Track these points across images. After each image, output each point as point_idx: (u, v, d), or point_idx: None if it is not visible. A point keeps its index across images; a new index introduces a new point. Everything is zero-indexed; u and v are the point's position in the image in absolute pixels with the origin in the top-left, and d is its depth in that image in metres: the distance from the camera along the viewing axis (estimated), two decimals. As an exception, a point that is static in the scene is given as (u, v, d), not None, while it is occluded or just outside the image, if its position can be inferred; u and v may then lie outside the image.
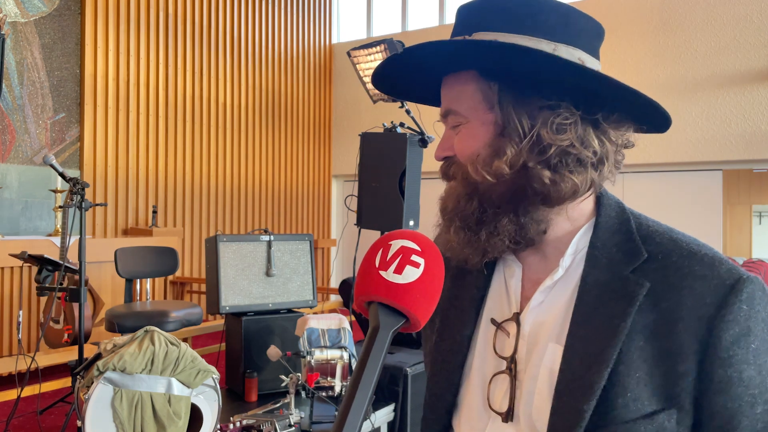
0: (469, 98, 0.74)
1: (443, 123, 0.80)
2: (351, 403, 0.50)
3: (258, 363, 3.31)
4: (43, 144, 5.42)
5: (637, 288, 0.68)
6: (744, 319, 0.65)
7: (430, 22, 8.27)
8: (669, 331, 0.66)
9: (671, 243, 0.71)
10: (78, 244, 3.17)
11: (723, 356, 0.65)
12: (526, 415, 0.72)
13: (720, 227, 6.53)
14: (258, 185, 7.58)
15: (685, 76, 6.43)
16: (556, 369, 0.71)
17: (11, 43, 5.17)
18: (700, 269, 0.68)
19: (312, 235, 3.66)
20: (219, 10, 7.12)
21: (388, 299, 0.57)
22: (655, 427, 0.65)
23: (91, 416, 2.17)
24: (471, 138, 0.74)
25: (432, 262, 0.59)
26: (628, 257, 0.71)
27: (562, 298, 0.74)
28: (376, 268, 0.59)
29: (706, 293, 0.66)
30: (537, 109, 0.70)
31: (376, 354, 0.54)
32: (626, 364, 0.66)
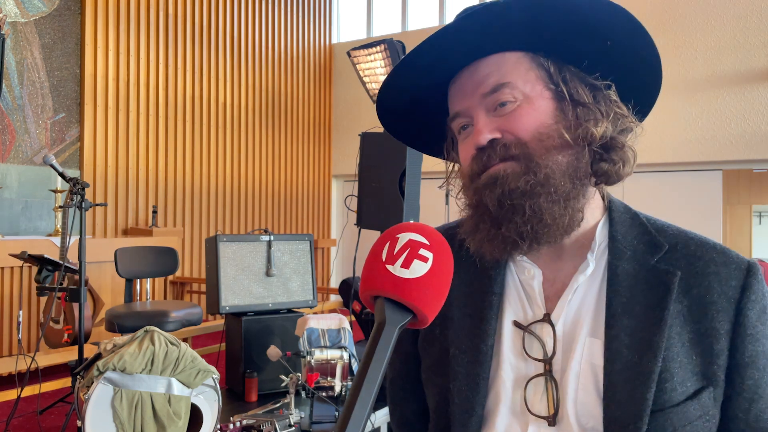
0: (523, 74, 0.73)
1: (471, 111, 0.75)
2: (356, 399, 0.49)
3: (258, 363, 3.31)
4: (43, 144, 5.42)
5: (670, 277, 0.72)
6: (761, 298, 0.72)
7: (430, 22, 8.27)
8: (702, 314, 0.71)
9: (682, 234, 0.76)
10: (78, 244, 3.17)
11: (751, 333, 0.71)
12: (572, 415, 0.72)
13: (720, 227, 6.54)
14: (258, 185, 7.58)
15: (685, 76, 6.43)
16: (597, 363, 0.72)
17: (11, 43, 5.17)
18: (718, 257, 0.73)
19: (312, 235, 3.66)
20: (219, 10, 7.12)
21: (395, 294, 0.55)
22: (701, 405, 0.69)
23: (91, 416, 2.17)
24: (535, 112, 0.72)
25: (440, 256, 0.58)
26: (650, 248, 0.74)
27: (591, 293, 0.75)
28: (382, 262, 0.57)
29: (730, 278, 0.72)
30: (593, 85, 0.74)
31: (382, 349, 0.52)
32: (669, 349, 0.70)
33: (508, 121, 0.73)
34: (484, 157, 0.73)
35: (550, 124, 0.72)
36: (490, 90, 0.73)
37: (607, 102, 0.74)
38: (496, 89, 0.73)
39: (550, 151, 0.71)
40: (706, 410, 0.70)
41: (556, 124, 0.72)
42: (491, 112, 0.74)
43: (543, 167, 0.71)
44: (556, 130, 0.72)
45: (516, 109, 0.72)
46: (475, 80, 0.74)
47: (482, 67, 0.74)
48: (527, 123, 0.72)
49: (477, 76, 0.74)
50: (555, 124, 0.72)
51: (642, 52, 0.74)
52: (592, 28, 0.71)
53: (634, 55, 0.75)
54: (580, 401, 0.72)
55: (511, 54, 0.74)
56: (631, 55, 0.75)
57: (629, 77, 0.76)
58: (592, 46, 0.73)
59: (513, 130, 0.72)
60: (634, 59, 0.75)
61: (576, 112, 0.73)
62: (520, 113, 0.72)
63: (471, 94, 0.74)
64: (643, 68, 0.76)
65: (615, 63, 0.75)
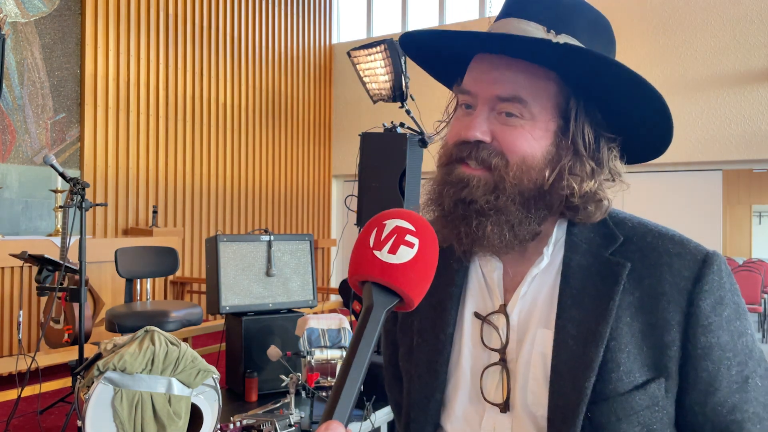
0: (544, 98, 0.72)
1: (479, 100, 0.74)
2: (344, 381, 0.50)
3: (258, 363, 3.31)
4: (44, 144, 5.42)
5: (620, 269, 0.72)
6: (716, 289, 0.71)
7: (430, 23, 8.27)
8: (653, 305, 0.71)
9: (641, 226, 0.76)
10: (78, 244, 3.17)
11: (704, 323, 0.70)
12: (523, 402, 0.74)
13: (720, 227, 6.54)
14: (258, 185, 7.58)
15: (685, 76, 6.43)
16: (548, 353, 0.73)
17: (11, 43, 5.17)
18: (673, 247, 0.73)
19: (312, 235, 3.66)
20: (219, 10, 7.12)
21: (382, 279, 0.56)
22: (648, 395, 0.69)
23: (91, 416, 2.17)
24: (532, 138, 0.72)
25: (426, 242, 0.59)
26: (605, 241, 0.75)
27: (546, 286, 0.76)
28: (370, 248, 0.58)
29: (683, 268, 0.71)
30: (601, 135, 0.74)
31: (371, 332, 0.54)
32: (617, 340, 0.70)
33: (505, 133, 0.72)
34: (465, 152, 0.73)
35: (539, 159, 0.73)
36: (506, 97, 0.72)
37: (607, 157, 0.75)
38: (510, 99, 0.72)
39: (523, 182, 0.72)
40: (655, 401, 0.70)
41: (545, 162, 0.73)
42: (493, 111, 0.73)
43: (507, 194, 0.72)
44: (540, 168, 0.73)
45: (517, 127, 0.72)
46: (497, 76, 0.72)
47: (511, 67, 0.72)
48: (519, 146, 0.72)
49: (501, 74, 0.72)
50: (543, 162, 0.73)
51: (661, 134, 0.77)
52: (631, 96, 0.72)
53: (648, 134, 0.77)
54: (530, 390, 0.74)
55: (541, 69, 0.72)
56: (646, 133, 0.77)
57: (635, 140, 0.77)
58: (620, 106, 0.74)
59: (503, 144, 0.72)
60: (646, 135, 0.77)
61: (568, 160, 0.73)
62: (518, 133, 0.72)
63: (486, 85, 0.73)
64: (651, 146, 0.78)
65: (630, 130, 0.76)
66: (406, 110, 3.53)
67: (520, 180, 0.72)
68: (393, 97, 3.57)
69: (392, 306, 0.57)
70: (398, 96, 3.56)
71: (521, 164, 0.72)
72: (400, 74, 3.51)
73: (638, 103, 0.72)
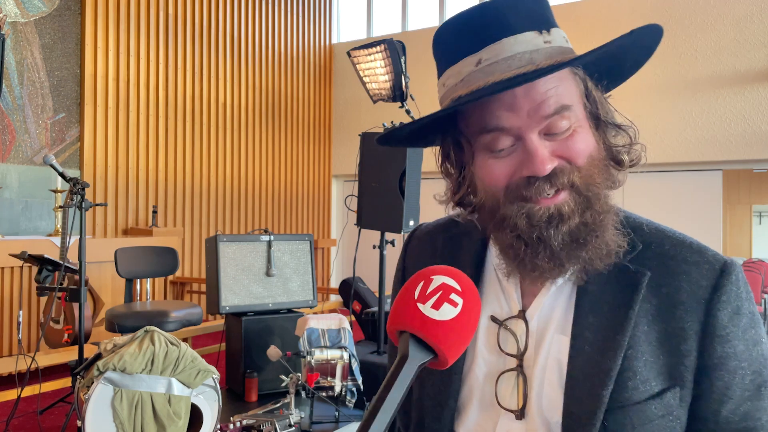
0: (574, 94, 0.70)
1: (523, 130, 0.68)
2: (369, 426, 0.51)
3: (258, 363, 3.31)
4: (43, 144, 5.42)
5: (639, 276, 0.71)
6: (734, 299, 0.70)
7: (430, 23, 8.27)
8: (671, 314, 0.70)
9: (659, 233, 0.75)
10: (78, 244, 3.17)
11: (720, 334, 0.69)
12: (538, 408, 0.73)
13: (720, 227, 6.53)
14: (258, 185, 7.58)
15: (685, 76, 6.43)
16: (563, 359, 0.72)
17: (11, 43, 5.17)
18: (691, 256, 0.72)
19: (312, 235, 3.66)
20: (219, 10, 7.12)
21: (422, 333, 0.57)
22: (664, 404, 0.69)
23: (91, 416, 2.17)
24: (586, 135, 0.70)
25: (470, 303, 0.59)
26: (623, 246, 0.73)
27: (564, 291, 0.75)
28: (414, 299, 0.58)
29: (701, 278, 0.71)
30: (608, 105, 0.74)
31: (401, 383, 0.54)
32: (634, 348, 0.69)
33: (565, 146, 0.69)
34: (545, 186, 0.68)
35: (597, 148, 0.71)
36: (553, 112, 0.68)
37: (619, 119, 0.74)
38: (559, 112, 0.68)
39: (599, 176, 0.70)
40: (670, 410, 0.69)
41: (601, 148, 0.72)
42: (544, 134, 0.69)
43: (600, 196, 0.70)
44: (602, 155, 0.72)
45: (572, 133, 0.69)
46: (534, 99, 0.67)
47: (540, 84, 0.67)
48: (584, 149, 0.69)
49: (535, 95, 0.67)
50: (600, 148, 0.72)
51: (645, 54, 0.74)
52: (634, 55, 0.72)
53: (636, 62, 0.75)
54: (546, 396, 0.73)
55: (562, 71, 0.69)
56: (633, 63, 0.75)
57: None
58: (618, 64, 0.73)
59: (570, 157, 0.69)
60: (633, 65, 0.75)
61: (609, 134, 0.73)
62: (576, 139, 0.69)
63: (527, 115, 0.68)
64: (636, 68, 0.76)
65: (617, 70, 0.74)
66: (406, 110, 3.53)
67: (598, 176, 0.70)
68: (393, 97, 3.57)
69: (426, 361, 0.57)
70: (398, 96, 3.56)
71: (590, 164, 0.70)
72: (400, 74, 3.51)
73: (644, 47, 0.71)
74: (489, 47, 0.69)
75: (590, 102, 0.71)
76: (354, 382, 2.77)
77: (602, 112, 0.72)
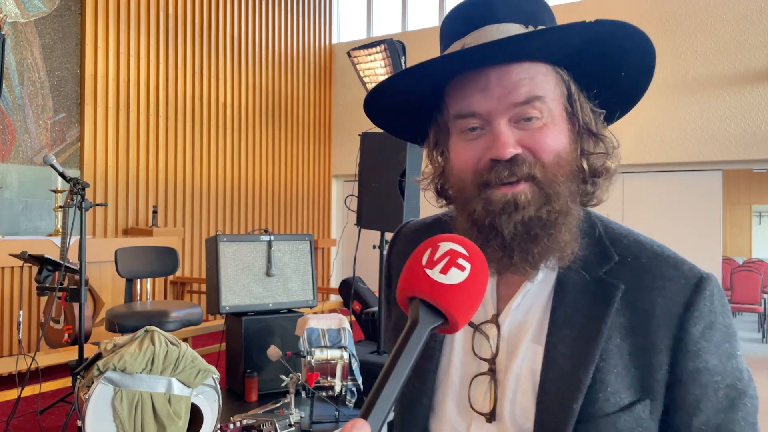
0: (551, 90, 0.71)
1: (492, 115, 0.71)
2: (382, 389, 0.51)
3: (258, 363, 3.31)
4: (43, 144, 5.42)
5: (613, 290, 0.72)
6: (708, 314, 0.70)
7: (430, 22, 8.27)
8: (644, 328, 0.70)
9: (637, 245, 0.75)
10: (78, 244, 3.17)
11: (693, 349, 0.69)
12: (510, 415, 0.74)
13: (720, 227, 6.53)
14: (258, 185, 7.58)
15: (685, 76, 6.43)
16: (537, 368, 0.73)
17: (11, 43, 5.17)
18: (667, 270, 0.72)
19: (312, 235, 3.66)
20: (219, 10, 7.12)
21: (431, 297, 0.57)
22: (633, 417, 0.69)
23: (91, 416, 2.17)
24: (558, 133, 0.71)
25: (478, 268, 0.60)
26: (600, 259, 0.74)
27: (540, 300, 0.76)
28: (422, 265, 0.59)
29: (675, 293, 0.71)
30: (594, 109, 0.75)
31: (412, 347, 0.54)
32: (606, 360, 0.70)
33: (532, 138, 0.70)
34: (504, 172, 0.70)
35: (569, 150, 0.72)
36: (523, 101, 0.70)
37: (604, 131, 0.76)
38: (528, 101, 0.70)
39: (565, 177, 0.71)
40: (640, 422, 0.69)
41: (572, 151, 0.73)
42: (513, 122, 0.71)
43: (561, 196, 0.71)
44: (571, 157, 0.73)
45: (542, 127, 0.71)
46: (505, 85, 0.70)
47: (514, 72, 0.70)
48: (551, 145, 0.71)
49: (507, 82, 0.70)
50: (571, 151, 0.73)
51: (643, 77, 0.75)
52: (617, 55, 0.72)
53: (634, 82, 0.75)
54: (518, 403, 0.74)
55: (541, 64, 0.71)
56: (631, 83, 0.75)
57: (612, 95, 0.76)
58: (606, 72, 0.74)
59: (535, 149, 0.70)
60: (631, 86, 0.76)
61: (586, 141, 0.74)
62: (546, 133, 0.71)
63: (497, 99, 0.70)
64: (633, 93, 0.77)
65: (612, 88, 0.75)
66: (406, 110, 3.52)
67: (563, 177, 0.71)
68: (393, 97, 3.57)
69: (437, 326, 0.57)
70: (398, 96, 3.55)
71: (557, 162, 0.71)
72: (400, 74, 3.50)
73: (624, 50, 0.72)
74: (473, 33, 0.73)
75: (571, 105, 0.73)
76: (354, 382, 2.77)
77: (582, 118, 0.73)
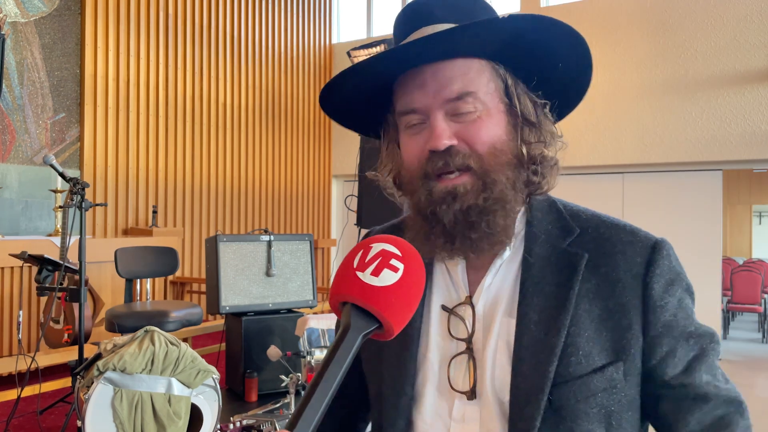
0: (484, 85, 0.76)
1: (429, 111, 0.76)
2: (308, 401, 0.49)
3: (258, 363, 3.31)
4: (43, 144, 5.42)
5: (577, 259, 0.76)
6: (667, 272, 0.75)
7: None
8: (610, 292, 0.75)
9: (595, 218, 0.81)
10: (78, 244, 3.17)
11: (660, 304, 0.74)
12: (490, 390, 0.76)
13: (720, 227, 6.53)
14: (258, 185, 7.58)
15: (685, 76, 6.43)
16: (511, 340, 0.76)
17: (11, 43, 5.17)
18: (625, 236, 0.77)
19: (312, 235, 3.66)
20: (219, 10, 7.12)
21: (362, 301, 0.55)
22: (606, 378, 0.73)
23: (91, 416, 2.17)
24: (493, 125, 0.76)
25: (412, 268, 0.58)
26: (563, 233, 0.79)
27: (509, 276, 0.80)
28: (353, 268, 0.57)
29: (635, 254, 0.76)
30: (535, 100, 0.79)
31: (344, 354, 0.52)
32: (576, 325, 0.73)
33: (467, 130, 0.75)
34: (440, 162, 0.75)
35: (505, 140, 0.76)
36: (455, 97, 0.74)
37: (545, 121, 0.80)
38: (461, 97, 0.74)
39: (503, 166, 0.76)
40: (613, 383, 0.73)
41: (510, 141, 0.77)
42: (449, 116, 0.75)
43: (498, 183, 0.75)
44: (508, 147, 0.77)
45: (476, 120, 0.75)
46: (439, 82, 0.75)
47: (447, 69, 0.75)
48: (485, 136, 0.75)
49: (441, 78, 0.75)
50: (508, 141, 0.77)
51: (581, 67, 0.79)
52: (545, 47, 0.76)
53: (574, 73, 0.80)
54: (497, 377, 0.76)
55: (474, 61, 0.76)
56: (571, 74, 0.80)
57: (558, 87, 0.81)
58: (541, 64, 0.78)
59: (470, 141, 0.75)
60: (572, 77, 0.80)
61: (525, 131, 0.78)
62: (480, 125, 0.75)
63: (432, 95, 0.75)
64: (576, 85, 0.81)
65: (554, 80, 0.79)
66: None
67: (500, 166, 0.75)
68: (393, 97, 3.57)
69: (370, 331, 0.55)
70: (398, 96, 3.56)
71: (492, 152, 0.75)
72: (400, 74, 3.51)
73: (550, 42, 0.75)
74: (413, 33, 0.79)
75: (509, 97, 0.77)
76: (354, 382, 2.77)
77: (521, 109, 0.78)
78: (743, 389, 0.78)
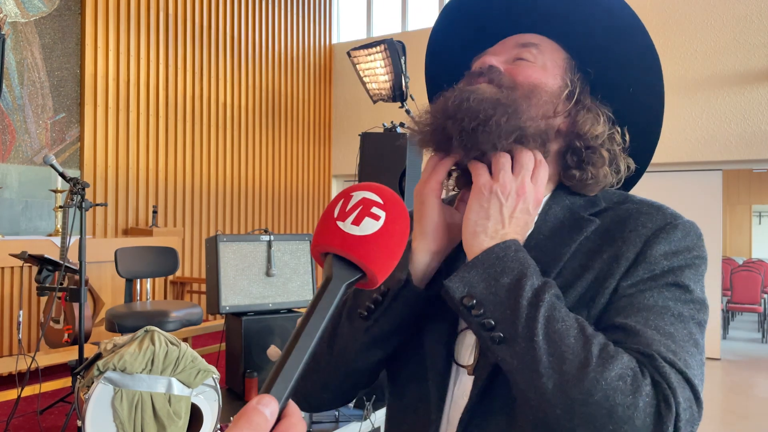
0: (553, 54, 0.81)
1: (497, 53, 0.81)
2: (289, 355, 0.47)
3: (258, 363, 3.31)
4: (43, 144, 5.42)
5: (588, 224, 0.75)
6: (676, 241, 0.71)
7: (430, 23, 8.27)
8: (608, 247, 0.72)
9: (624, 196, 0.80)
10: (78, 244, 3.17)
11: (649, 260, 0.69)
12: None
13: (720, 227, 6.53)
14: (258, 185, 7.58)
15: (685, 76, 6.43)
16: None
17: (11, 43, 5.17)
18: (648, 209, 0.75)
19: (312, 235, 3.66)
20: (219, 10, 7.12)
21: (343, 250, 0.54)
22: None
23: (91, 416, 2.17)
24: (543, 75, 0.78)
25: (394, 216, 0.56)
26: (588, 205, 0.78)
27: None
28: (334, 218, 0.56)
29: (649, 222, 0.73)
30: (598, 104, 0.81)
31: (325, 305, 0.50)
32: (563, 276, 0.72)
33: (517, 67, 0.79)
34: (475, 75, 0.78)
35: (550, 89, 0.77)
36: (522, 44, 0.80)
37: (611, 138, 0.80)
38: (527, 45, 0.80)
39: (536, 107, 0.75)
40: None
41: (556, 96, 0.78)
42: (509, 58, 0.80)
43: (522, 112, 0.73)
44: (550, 99, 0.77)
45: (530, 64, 0.79)
46: (517, 39, 0.82)
47: (527, 35, 0.82)
48: (529, 75, 0.77)
49: (519, 38, 0.82)
50: (555, 95, 0.78)
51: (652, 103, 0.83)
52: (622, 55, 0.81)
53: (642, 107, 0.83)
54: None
55: (554, 43, 0.82)
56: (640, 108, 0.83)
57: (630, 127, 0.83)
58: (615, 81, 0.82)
59: (514, 74, 0.77)
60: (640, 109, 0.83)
61: (582, 115, 0.79)
62: (530, 67, 0.78)
63: (507, 44, 0.82)
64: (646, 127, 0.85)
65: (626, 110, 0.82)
66: (406, 110, 3.53)
67: (529, 107, 0.74)
68: (393, 97, 3.57)
69: (353, 280, 0.54)
70: (398, 96, 3.56)
71: (529, 91, 0.75)
72: (399, 74, 3.51)
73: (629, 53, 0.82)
74: None
75: (571, 82, 0.80)
76: (354, 382, 2.77)
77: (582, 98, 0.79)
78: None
